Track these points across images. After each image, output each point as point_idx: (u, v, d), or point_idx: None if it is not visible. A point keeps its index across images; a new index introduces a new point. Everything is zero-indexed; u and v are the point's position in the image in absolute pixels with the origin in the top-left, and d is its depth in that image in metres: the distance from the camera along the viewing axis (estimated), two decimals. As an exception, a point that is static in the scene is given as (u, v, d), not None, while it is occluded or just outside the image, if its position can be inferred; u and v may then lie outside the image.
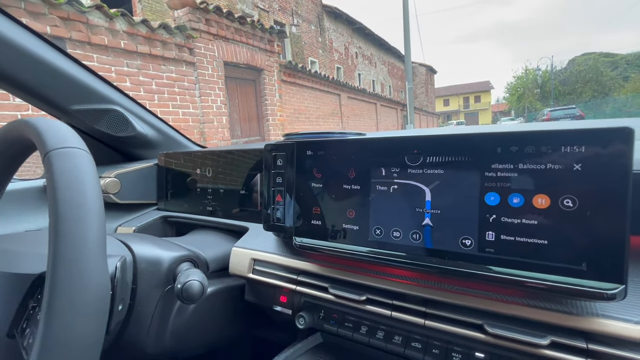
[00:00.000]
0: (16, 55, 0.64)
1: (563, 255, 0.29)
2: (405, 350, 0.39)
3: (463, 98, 47.05)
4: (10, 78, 0.66)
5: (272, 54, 6.27)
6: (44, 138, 0.35)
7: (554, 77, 29.03)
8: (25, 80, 0.67)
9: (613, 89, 27.11)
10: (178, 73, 4.50)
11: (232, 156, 0.68)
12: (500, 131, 0.31)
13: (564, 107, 17.73)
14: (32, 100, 0.72)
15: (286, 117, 6.85)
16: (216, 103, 5.10)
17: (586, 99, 26.62)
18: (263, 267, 0.50)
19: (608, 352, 0.28)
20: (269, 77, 6.22)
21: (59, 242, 0.28)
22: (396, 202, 0.37)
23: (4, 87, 0.68)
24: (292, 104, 7.17)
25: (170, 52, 4.33)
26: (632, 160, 0.26)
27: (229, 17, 5.13)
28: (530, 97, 31.66)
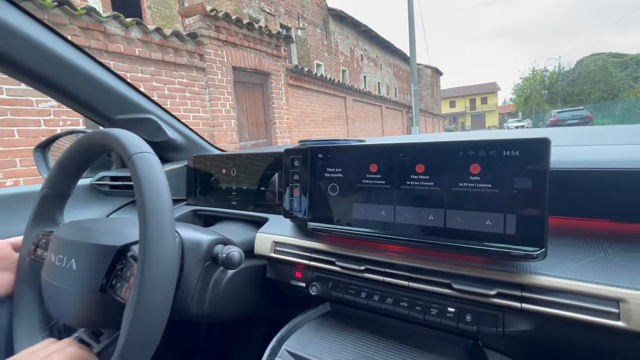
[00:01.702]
0: (73, 73, 0.77)
1: (504, 228, 0.40)
2: (395, 308, 0.50)
3: (469, 99, 46.80)
4: (68, 92, 0.79)
5: (279, 58, 6.42)
6: (125, 145, 0.47)
7: (562, 78, 28.75)
8: (80, 94, 0.80)
9: (622, 90, 26.73)
10: (189, 78, 4.67)
11: (254, 158, 0.80)
12: (460, 140, 0.43)
13: (571, 109, 17.59)
14: (83, 111, 0.86)
15: (292, 121, 6.99)
16: (225, 107, 5.26)
17: (595, 100, 26.32)
18: (282, 248, 0.62)
19: (534, 297, 0.39)
20: (276, 82, 6.37)
21: (147, 220, 0.41)
22: (386, 193, 0.49)
23: (62, 100, 0.81)
24: (299, 107, 7.31)
25: (181, 58, 4.50)
26: (549, 161, 0.38)
27: (238, 23, 5.29)
28: (538, 99, 31.39)
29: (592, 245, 0.42)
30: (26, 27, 0.64)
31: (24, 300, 0.58)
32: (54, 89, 0.75)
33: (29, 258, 0.61)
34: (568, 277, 0.38)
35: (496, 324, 0.43)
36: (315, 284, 0.58)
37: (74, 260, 0.48)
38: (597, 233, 0.44)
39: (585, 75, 27.84)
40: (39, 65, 0.69)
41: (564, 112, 16.48)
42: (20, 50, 0.65)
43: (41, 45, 0.68)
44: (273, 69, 6.29)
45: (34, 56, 0.68)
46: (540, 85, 31.65)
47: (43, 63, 0.70)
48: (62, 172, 0.60)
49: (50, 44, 0.70)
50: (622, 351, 0.38)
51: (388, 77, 18.62)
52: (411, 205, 0.47)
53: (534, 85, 32.04)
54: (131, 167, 0.45)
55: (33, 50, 0.67)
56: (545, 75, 30.95)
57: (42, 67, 0.70)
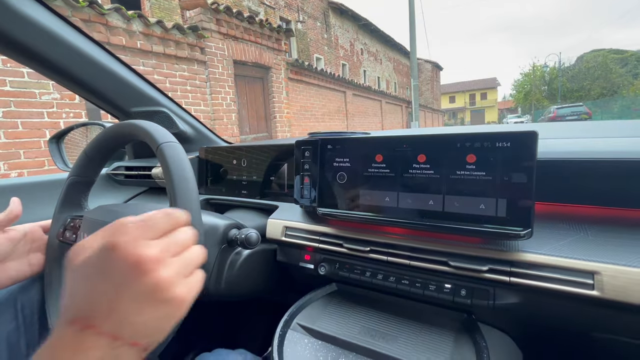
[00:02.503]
0: (94, 67, 0.81)
1: (496, 211, 0.45)
2: (397, 285, 0.56)
3: (469, 95, 46.73)
4: (88, 86, 0.83)
5: (280, 52, 6.42)
6: (154, 135, 0.52)
7: (562, 74, 28.72)
8: (99, 87, 0.85)
9: (622, 87, 26.74)
10: (190, 72, 4.69)
11: (263, 150, 0.85)
12: (457, 132, 0.48)
13: (570, 105, 17.65)
14: (101, 103, 0.90)
15: (293, 115, 7.02)
16: (226, 100, 5.28)
17: (594, 96, 26.34)
18: (293, 232, 0.67)
19: (521, 272, 0.44)
20: (276, 75, 6.38)
21: (177, 202, 0.45)
22: (391, 180, 0.54)
23: (82, 92, 0.85)
24: (299, 101, 7.32)
25: (183, 51, 4.51)
26: (536, 151, 0.43)
27: (239, 16, 5.29)
28: (538, 95, 31.37)
29: (574, 227, 0.48)
30: (53, 24, 0.68)
31: (54, 278, 0.63)
32: (75, 82, 0.79)
33: (58, 240, 0.66)
34: (551, 253, 0.43)
35: (488, 297, 0.48)
36: (324, 264, 0.63)
37: (107, 240, 0.53)
38: (579, 217, 0.50)
39: (585, 72, 27.83)
40: (63, 59, 0.73)
41: (563, 108, 16.53)
42: (47, 46, 0.69)
43: (66, 41, 0.72)
44: (274, 62, 6.29)
45: (59, 51, 0.72)
46: (540, 81, 31.62)
47: (67, 58, 0.74)
48: (88, 161, 0.65)
49: (73, 39, 0.74)
50: (596, 320, 0.44)
51: (388, 71, 18.57)
52: (413, 191, 0.52)
53: (534, 81, 32.01)
54: (160, 155, 0.50)
55: (58, 45, 0.71)
56: (545, 71, 30.91)
57: (65, 62, 0.74)
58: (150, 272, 0.28)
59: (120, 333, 0.27)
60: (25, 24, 0.66)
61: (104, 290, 0.27)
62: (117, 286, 0.27)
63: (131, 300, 0.27)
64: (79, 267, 0.28)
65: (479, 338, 0.50)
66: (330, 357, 0.51)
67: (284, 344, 0.54)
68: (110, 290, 0.27)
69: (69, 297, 0.28)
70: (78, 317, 0.27)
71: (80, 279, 0.28)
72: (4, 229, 0.61)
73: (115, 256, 0.27)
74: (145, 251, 0.28)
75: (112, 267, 0.27)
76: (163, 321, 0.29)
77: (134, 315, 0.27)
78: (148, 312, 0.28)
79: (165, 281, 0.28)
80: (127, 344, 0.27)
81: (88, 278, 0.28)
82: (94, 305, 0.27)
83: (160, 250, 0.29)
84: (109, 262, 0.27)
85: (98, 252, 0.28)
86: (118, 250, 0.27)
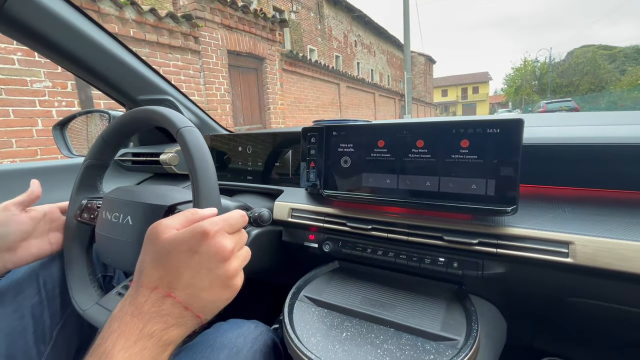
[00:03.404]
0: (104, 55, 0.83)
1: (486, 191, 0.51)
2: (396, 260, 0.61)
3: (461, 89, 47.01)
4: (98, 73, 0.85)
5: (274, 42, 6.38)
6: (173, 121, 0.55)
7: (552, 69, 29.07)
8: (109, 75, 0.87)
9: (610, 82, 27.23)
10: (184, 61, 4.64)
11: (269, 137, 0.89)
12: (453, 120, 0.53)
13: (559, 100, 17.95)
14: (110, 91, 0.92)
15: (287, 106, 7.01)
16: (220, 91, 5.25)
17: (583, 92, 26.80)
18: (298, 214, 0.72)
19: (507, 244, 0.50)
20: (270, 66, 6.35)
21: (197, 180, 0.50)
22: (391, 164, 0.59)
23: (92, 80, 0.88)
24: (293, 92, 7.31)
25: (176, 40, 4.46)
26: (522, 136, 0.48)
27: (233, 5, 5.23)
28: (528, 89, 31.75)
29: (554, 206, 0.54)
30: (69, 14, 0.71)
31: (73, 256, 0.67)
32: (85, 69, 0.82)
33: (76, 220, 0.69)
34: (532, 227, 0.49)
35: (477, 268, 0.54)
36: (328, 242, 0.68)
37: (129, 217, 0.57)
38: (558, 197, 0.56)
39: (575, 67, 28.24)
40: (75, 47, 0.76)
41: (552, 103, 16.81)
42: (63, 34, 0.72)
43: (78, 28, 0.75)
44: (268, 53, 6.26)
45: (72, 38, 0.74)
46: (531, 75, 31.99)
47: (79, 45, 0.76)
48: (105, 145, 0.68)
49: (85, 27, 0.77)
50: (571, 285, 0.50)
51: (381, 64, 18.56)
52: (412, 174, 0.57)
53: (525, 75, 32.37)
54: (180, 139, 0.54)
55: (72, 33, 0.74)
56: (536, 66, 31.26)
57: (77, 49, 0.77)
58: (226, 260, 0.34)
59: (192, 304, 0.32)
60: (41, 12, 0.69)
61: (188, 266, 0.33)
62: (200, 266, 0.33)
63: (208, 279, 0.33)
64: (169, 242, 0.33)
65: (468, 305, 0.56)
66: (335, 322, 0.56)
67: (293, 312, 0.59)
68: (193, 268, 0.33)
69: (156, 266, 0.33)
70: (162, 284, 0.32)
71: (169, 253, 0.33)
72: (26, 208, 0.64)
73: (204, 241, 0.33)
74: (226, 243, 0.34)
75: (200, 249, 0.33)
76: (220, 302, 0.35)
77: (206, 291, 0.33)
78: (215, 293, 0.34)
79: (234, 270, 0.35)
80: (193, 315, 0.33)
81: (178, 253, 0.33)
82: (178, 277, 0.32)
83: (235, 245, 0.35)
84: (198, 245, 0.33)
85: (189, 234, 0.33)
86: (207, 237, 0.33)
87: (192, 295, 0.32)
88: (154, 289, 0.32)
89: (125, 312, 0.31)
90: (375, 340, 0.51)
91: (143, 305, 0.32)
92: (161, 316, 0.31)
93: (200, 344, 0.58)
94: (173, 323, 0.31)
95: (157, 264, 0.33)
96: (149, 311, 0.31)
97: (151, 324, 0.31)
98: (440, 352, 0.48)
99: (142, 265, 0.33)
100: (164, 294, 0.32)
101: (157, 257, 0.33)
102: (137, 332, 0.31)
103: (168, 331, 0.31)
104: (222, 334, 0.60)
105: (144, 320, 0.31)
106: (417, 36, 37.04)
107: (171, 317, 0.31)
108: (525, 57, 34.55)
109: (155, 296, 0.32)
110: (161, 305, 0.31)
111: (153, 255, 0.33)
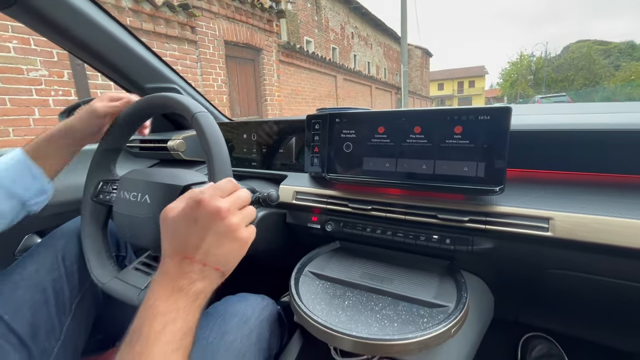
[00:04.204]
0: (113, 43, 0.86)
1: (476, 172, 0.56)
2: (393, 237, 0.66)
3: (457, 83, 47.00)
4: (108, 62, 0.88)
5: (271, 33, 6.34)
6: (188, 106, 0.59)
7: (548, 64, 29.16)
8: (119, 63, 0.90)
9: (604, 78, 27.42)
10: (181, 51, 4.61)
11: (273, 125, 0.93)
12: (448, 108, 0.57)
13: (554, 95, 18.05)
14: (118, 79, 0.95)
15: (283, 98, 7.00)
16: (217, 82, 5.23)
17: (577, 87, 26.96)
18: (302, 196, 0.76)
19: (494, 220, 0.55)
20: (267, 57, 6.32)
21: (213, 160, 0.54)
22: (390, 149, 0.63)
23: (103, 68, 0.90)
24: (290, 84, 7.29)
25: (173, 30, 4.42)
26: (510, 122, 0.53)
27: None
28: (523, 84, 31.85)
29: (538, 187, 0.59)
30: (80, 3, 0.74)
31: (90, 234, 0.71)
32: (97, 57, 0.85)
33: (92, 200, 0.73)
34: (517, 205, 0.55)
35: (467, 244, 0.59)
36: (330, 222, 0.73)
37: (147, 196, 0.61)
38: (541, 180, 0.61)
39: (570, 62, 28.35)
40: (88, 34, 0.79)
41: (546, 98, 16.93)
42: (77, 25, 0.75)
43: (89, 16, 0.78)
44: (265, 44, 6.22)
45: (84, 25, 0.77)
46: (526, 70, 32.08)
47: (91, 33, 0.79)
48: (119, 130, 0.72)
49: (95, 15, 0.79)
50: (551, 257, 0.55)
51: (378, 56, 18.48)
52: (409, 157, 0.62)
53: (521, 70, 32.45)
54: (196, 123, 0.58)
55: (84, 20, 0.77)
56: (532, 60, 31.34)
57: (89, 36, 0.80)
58: (224, 219, 0.40)
59: (207, 260, 0.39)
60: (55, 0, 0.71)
61: (194, 231, 0.39)
62: (203, 228, 0.39)
63: (213, 238, 0.39)
64: (174, 219, 0.40)
65: (459, 277, 0.61)
66: (338, 293, 0.62)
67: (299, 285, 0.64)
68: (199, 231, 0.39)
69: (170, 240, 0.40)
70: (178, 251, 0.39)
71: (176, 227, 0.40)
72: None
73: (200, 208, 0.39)
74: (220, 204, 0.40)
75: (199, 215, 0.39)
76: (234, 253, 0.41)
77: (215, 248, 0.39)
78: (224, 246, 0.40)
79: (234, 225, 0.40)
80: (213, 268, 0.39)
81: (182, 225, 0.39)
82: (188, 242, 0.39)
83: (230, 204, 0.41)
84: (196, 212, 0.39)
85: (187, 206, 0.40)
86: (202, 204, 0.39)
87: (204, 252, 0.39)
88: (173, 256, 0.39)
89: (159, 279, 0.39)
90: (375, 307, 0.57)
91: (169, 270, 0.39)
92: (184, 274, 0.38)
93: (212, 314, 0.63)
94: (196, 278, 0.38)
95: (170, 239, 0.40)
96: (174, 273, 0.38)
97: (178, 281, 0.38)
98: (433, 316, 0.53)
99: (162, 244, 0.41)
100: (181, 258, 0.39)
101: (169, 233, 0.40)
102: (169, 289, 0.38)
103: (194, 285, 0.38)
104: (231, 305, 0.65)
105: (172, 280, 0.38)
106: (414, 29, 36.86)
107: (194, 274, 0.38)
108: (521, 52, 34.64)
109: (176, 261, 0.39)
110: (182, 267, 0.38)
111: (165, 232, 0.40)
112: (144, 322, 0.35)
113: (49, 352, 0.60)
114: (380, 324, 0.52)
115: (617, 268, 0.52)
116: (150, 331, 0.34)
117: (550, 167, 0.62)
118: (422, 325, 0.51)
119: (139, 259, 0.70)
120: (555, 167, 0.62)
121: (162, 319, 0.35)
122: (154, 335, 0.34)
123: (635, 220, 0.47)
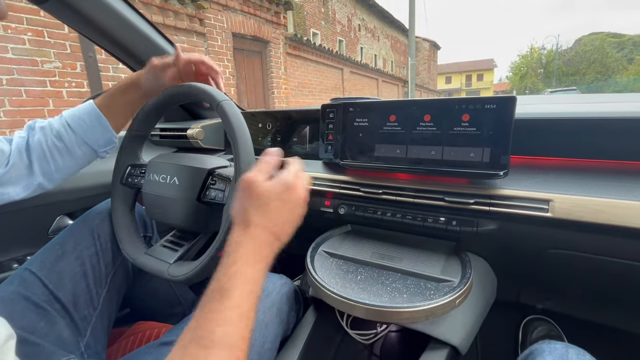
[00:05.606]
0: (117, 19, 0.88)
1: (482, 158, 0.60)
2: (403, 220, 0.71)
3: (466, 76, 46.37)
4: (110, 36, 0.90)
5: (279, 26, 6.34)
6: (213, 95, 0.64)
7: (559, 57, 28.57)
8: (131, 47, 0.93)
9: (617, 71, 26.81)
10: (189, 43, 4.66)
11: (287, 115, 0.97)
12: (456, 97, 0.61)
13: (564, 89, 17.75)
14: (134, 65, 0.99)
15: (290, 91, 7.02)
16: (225, 74, 5.27)
17: (589, 81, 26.42)
18: (316, 181, 0.81)
19: (498, 202, 0.59)
20: (274, 50, 6.33)
21: (238, 144, 0.59)
22: (401, 136, 0.68)
23: (116, 51, 0.94)
24: (297, 77, 7.30)
25: (182, 22, 4.46)
26: (514, 111, 0.57)
27: (238, -13, 5.19)
28: (533, 77, 31.31)
29: (540, 173, 0.63)
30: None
31: (120, 215, 0.77)
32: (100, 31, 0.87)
33: (120, 184, 0.79)
34: (519, 189, 0.59)
35: (472, 225, 0.64)
36: (343, 206, 0.78)
37: (176, 178, 0.67)
38: (544, 166, 0.65)
39: (582, 55, 27.77)
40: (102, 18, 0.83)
41: (556, 92, 16.66)
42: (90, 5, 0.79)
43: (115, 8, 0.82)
44: (272, 36, 6.23)
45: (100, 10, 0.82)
46: (537, 63, 31.51)
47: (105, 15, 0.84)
48: (146, 117, 0.77)
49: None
50: (551, 237, 0.60)
51: (385, 49, 18.30)
52: (419, 144, 0.66)
53: (531, 63, 31.88)
54: (221, 110, 0.62)
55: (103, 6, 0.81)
56: (542, 53, 30.75)
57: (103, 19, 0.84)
58: (304, 204, 0.49)
59: (282, 234, 0.45)
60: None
61: (284, 212, 0.46)
62: (289, 211, 0.46)
63: (291, 217, 0.47)
64: (266, 195, 0.45)
65: (464, 256, 0.66)
66: (350, 269, 0.66)
67: (314, 262, 0.69)
68: (287, 213, 0.46)
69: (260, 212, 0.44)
70: (266, 224, 0.44)
71: (268, 202, 0.45)
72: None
73: (290, 193, 0.46)
74: (304, 193, 0.49)
75: (289, 199, 0.46)
76: (294, 227, 0.48)
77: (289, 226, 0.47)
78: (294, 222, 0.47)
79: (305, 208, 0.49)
80: (282, 240, 0.46)
81: (275, 203, 0.45)
82: (276, 219, 0.45)
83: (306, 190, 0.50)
84: (288, 196, 0.46)
85: (281, 189, 0.46)
86: (292, 189, 0.46)
87: (281, 228, 0.45)
88: (263, 228, 0.44)
89: (247, 246, 0.43)
90: (385, 282, 0.61)
91: (258, 238, 0.43)
92: (269, 244, 0.44)
93: None
94: (273, 248, 0.45)
95: (260, 211, 0.44)
96: (260, 241, 0.43)
97: (263, 250, 0.43)
98: (439, 289, 0.58)
99: (245, 210, 0.45)
100: (269, 231, 0.44)
101: (259, 204, 0.45)
102: (257, 256, 0.42)
103: (271, 254, 0.44)
104: None
105: (258, 247, 0.43)
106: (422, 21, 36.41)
107: (272, 245, 0.44)
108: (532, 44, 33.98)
109: (265, 232, 0.44)
110: (267, 238, 0.44)
111: (253, 202, 0.45)
112: (235, 284, 0.39)
113: (88, 320, 0.67)
114: (391, 295, 0.57)
115: (614, 247, 0.56)
116: (243, 294, 0.39)
117: (552, 154, 0.66)
118: (429, 296, 0.56)
119: (165, 237, 0.75)
120: (556, 154, 0.65)
121: (250, 285, 0.40)
122: (247, 296, 0.39)
123: (630, 201, 0.51)
